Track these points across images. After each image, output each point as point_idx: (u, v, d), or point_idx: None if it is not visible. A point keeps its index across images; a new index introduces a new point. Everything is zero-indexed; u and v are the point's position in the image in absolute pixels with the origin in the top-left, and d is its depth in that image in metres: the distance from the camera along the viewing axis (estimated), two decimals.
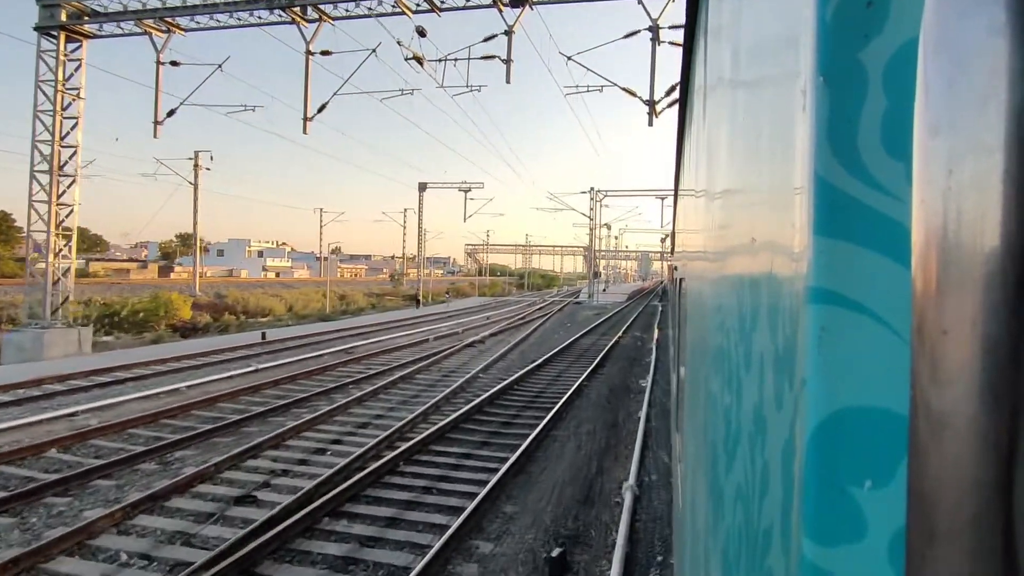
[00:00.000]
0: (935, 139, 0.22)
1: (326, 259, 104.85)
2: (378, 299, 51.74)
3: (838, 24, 0.32)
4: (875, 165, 0.32)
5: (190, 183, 37.00)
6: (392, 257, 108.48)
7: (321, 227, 73.27)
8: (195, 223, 37.52)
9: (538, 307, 40.89)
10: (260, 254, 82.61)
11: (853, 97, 0.32)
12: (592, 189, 40.22)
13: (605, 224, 46.44)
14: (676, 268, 5.02)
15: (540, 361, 16.23)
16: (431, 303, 48.80)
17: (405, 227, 68.56)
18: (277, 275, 78.99)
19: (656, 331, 26.25)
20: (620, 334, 23.55)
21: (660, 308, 42.39)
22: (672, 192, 10.47)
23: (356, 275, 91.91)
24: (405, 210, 68.83)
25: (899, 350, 0.31)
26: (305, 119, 15.54)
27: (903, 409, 0.30)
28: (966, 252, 0.19)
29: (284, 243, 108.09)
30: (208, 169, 37.97)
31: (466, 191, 42.25)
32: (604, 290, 63.47)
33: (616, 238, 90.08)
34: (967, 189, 0.20)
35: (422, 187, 42.66)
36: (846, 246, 0.33)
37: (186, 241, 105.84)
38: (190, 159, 37.18)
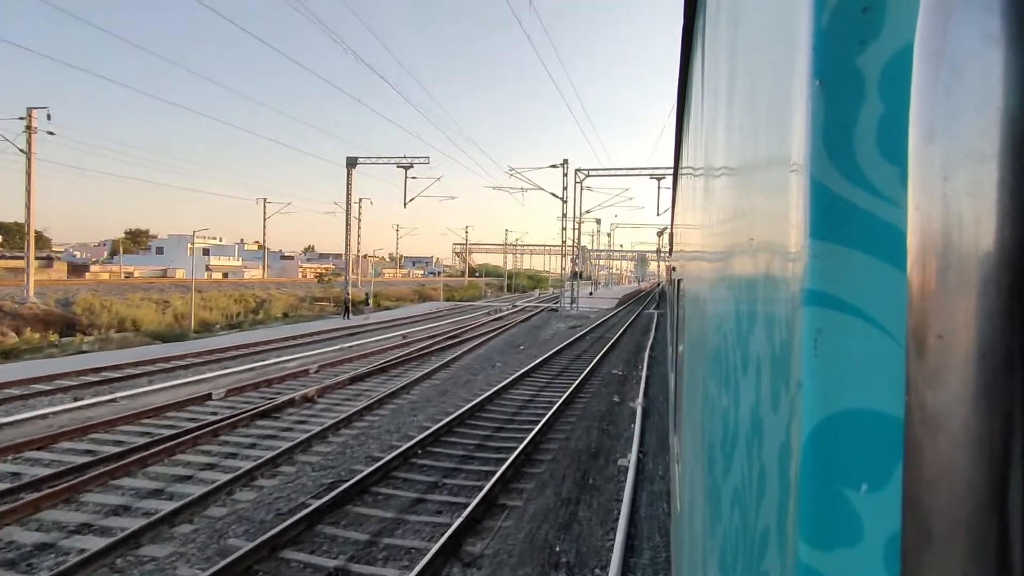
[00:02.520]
0: (931, 145, 0.21)
1: (289, 257, 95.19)
2: (312, 305, 42.27)
3: (834, 29, 0.32)
4: (871, 170, 0.32)
5: (21, 151, 27.34)
6: (364, 256, 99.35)
7: (264, 219, 63.93)
8: (29, 206, 27.85)
9: (499, 316, 31.42)
10: (206, 252, 72.74)
11: (849, 102, 0.32)
12: (565, 163, 29.90)
13: (588, 212, 36.81)
14: (674, 269, 5.00)
15: (370, 472, 6.63)
16: (375, 309, 39.32)
17: (360, 219, 59.22)
18: (225, 275, 69.46)
19: (647, 360, 16.84)
20: (590, 368, 14.00)
21: (656, 317, 32.96)
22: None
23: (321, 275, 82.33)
24: (360, 199, 59.70)
25: (894, 354, 0.31)
26: None
27: (898, 412, 0.30)
28: (962, 257, 0.20)
29: (256, 240, 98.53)
30: (51, 133, 28.32)
31: (406, 167, 32.55)
32: (591, 294, 53.95)
33: (609, 235, 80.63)
34: (963, 195, 0.20)
35: (351, 163, 32.99)
36: (842, 250, 0.32)
37: (136, 238, 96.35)
38: (22, 118, 27.58)
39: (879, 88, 0.31)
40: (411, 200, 32.83)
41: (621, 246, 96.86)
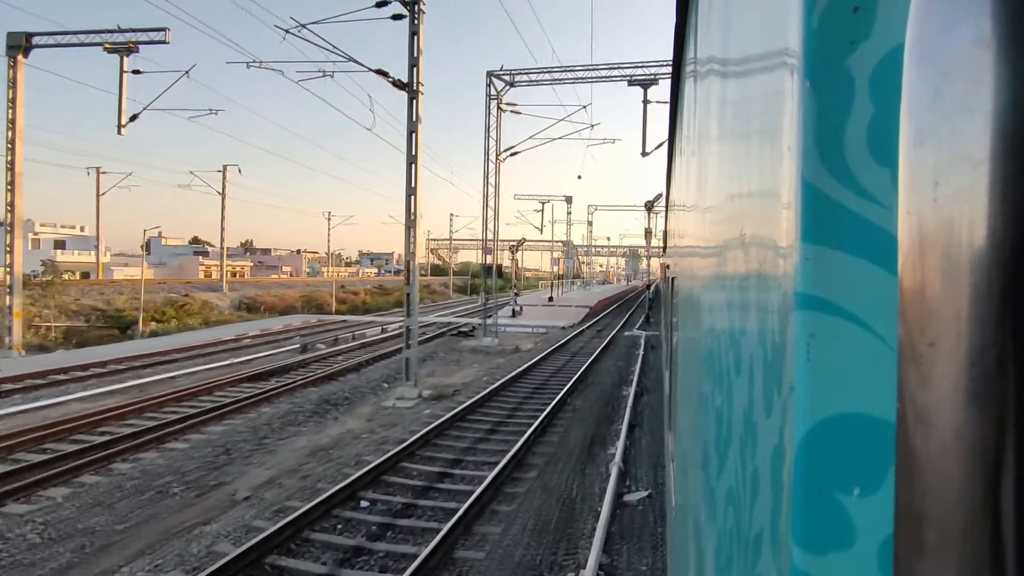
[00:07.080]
0: (921, 148, 0.21)
1: (203, 252, 78.07)
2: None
3: (824, 30, 0.32)
4: (862, 172, 0.31)
5: None
6: (298, 252, 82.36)
7: (98, 196, 46.90)
8: None
9: (309, 360, 14.71)
10: (61, 244, 55.70)
11: (840, 103, 0.32)
12: (415, 4, 11.42)
13: (512, 152, 20.15)
14: (668, 267, 5.04)
15: None
16: (144, 335, 22.77)
17: (224, 194, 42.05)
18: (86, 275, 51.88)
19: None
20: None
21: (647, 351, 16.45)
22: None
23: (238, 274, 64.76)
24: (224, 167, 42.56)
25: (886, 357, 0.31)
26: None
27: (891, 417, 0.30)
28: (953, 261, 0.19)
29: (198, 237, 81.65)
30: None
31: (123, 52, 15.62)
32: (551, 299, 37.07)
33: (590, 222, 63.88)
34: (954, 200, 0.19)
35: (16, 44, 16.03)
36: (834, 253, 0.32)
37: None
38: None
39: (869, 89, 0.31)
40: (134, 118, 15.92)
41: (608, 239, 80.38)
